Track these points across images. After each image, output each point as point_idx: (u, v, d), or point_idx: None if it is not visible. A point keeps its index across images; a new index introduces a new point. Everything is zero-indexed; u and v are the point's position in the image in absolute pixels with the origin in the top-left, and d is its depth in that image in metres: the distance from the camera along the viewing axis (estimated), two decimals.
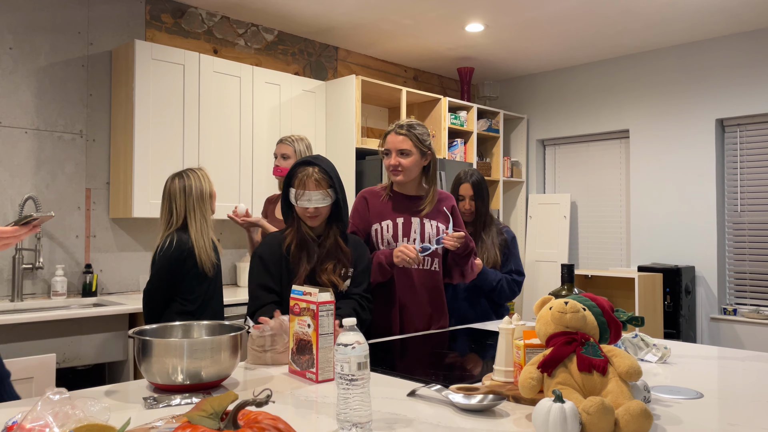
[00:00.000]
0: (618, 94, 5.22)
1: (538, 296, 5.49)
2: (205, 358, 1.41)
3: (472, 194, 2.90)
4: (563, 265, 1.66)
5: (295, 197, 2.06)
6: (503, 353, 1.47)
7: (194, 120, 3.68)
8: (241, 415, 0.91)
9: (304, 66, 4.68)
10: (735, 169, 4.70)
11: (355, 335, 1.15)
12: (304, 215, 2.07)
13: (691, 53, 4.82)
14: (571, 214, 5.50)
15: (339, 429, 1.13)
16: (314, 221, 2.08)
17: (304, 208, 2.05)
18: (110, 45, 3.67)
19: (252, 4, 4.02)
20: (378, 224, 2.33)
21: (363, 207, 2.37)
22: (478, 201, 2.90)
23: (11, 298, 3.23)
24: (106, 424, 0.93)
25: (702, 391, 1.43)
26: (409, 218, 2.33)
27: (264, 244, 2.12)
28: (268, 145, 4.05)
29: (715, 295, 4.66)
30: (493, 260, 2.89)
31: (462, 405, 1.28)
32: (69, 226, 3.49)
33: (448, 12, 4.15)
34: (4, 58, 3.29)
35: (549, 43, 4.85)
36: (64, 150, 3.49)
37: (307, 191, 2.03)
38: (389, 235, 2.32)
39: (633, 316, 1.59)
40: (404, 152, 2.28)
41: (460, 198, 2.93)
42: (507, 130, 5.84)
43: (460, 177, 2.95)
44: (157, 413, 1.27)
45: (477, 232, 2.92)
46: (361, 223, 2.35)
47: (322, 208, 2.07)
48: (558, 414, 1.06)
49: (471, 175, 2.92)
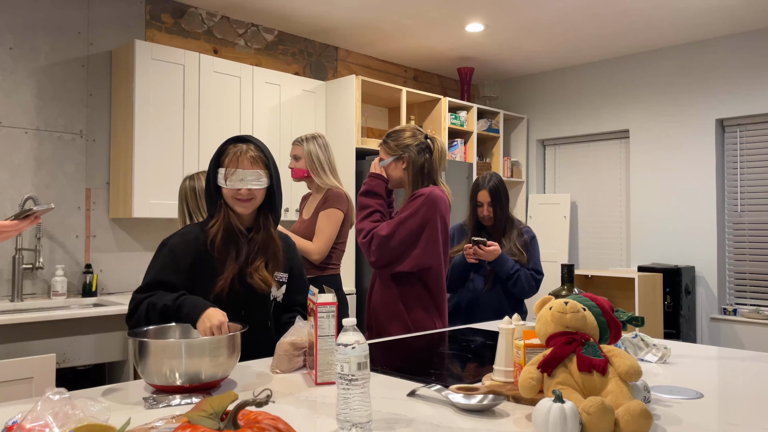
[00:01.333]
0: (618, 94, 5.22)
1: (538, 296, 5.48)
2: (203, 359, 1.40)
3: (490, 200, 2.91)
4: (563, 265, 1.66)
5: (224, 177, 1.77)
6: (503, 353, 1.47)
7: (194, 120, 3.68)
8: (241, 415, 0.91)
9: (304, 66, 4.68)
10: (735, 169, 4.70)
11: (355, 335, 1.15)
12: (235, 199, 1.78)
13: (691, 53, 4.82)
14: (571, 214, 5.50)
15: (339, 429, 1.13)
16: (246, 207, 1.79)
17: (236, 189, 1.76)
18: (110, 45, 3.67)
19: (252, 4, 4.02)
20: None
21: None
22: (497, 207, 2.91)
23: (11, 298, 3.23)
24: (106, 424, 0.93)
25: (702, 391, 1.43)
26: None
27: (178, 235, 1.80)
28: (268, 145, 4.04)
29: (715, 295, 4.66)
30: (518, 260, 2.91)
31: (462, 405, 1.28)
32: (69, 226, 3.49)
33: (448, 12, 4.15)
34: (4, 58, 3.29)
35: (549, 43, 4.85)
36: (64, 150, 3.49)
37: (239, 170, 1.75)
38: None
39: (633, 316, 1.59)
40: (382, 161, 2.43)
41: (479, 204, 2.93)
42: (507, 130, 5.84)
43: (478, 183, 2.96)
44: (157, 413, 1.27)
45: (497, 238, 2.93)
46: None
47: (257, 191, 1.79)
48: (558, 414, 1.06)
49: (489, 181, 2.92)
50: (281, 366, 1.63)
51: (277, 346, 1.64)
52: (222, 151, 1.80)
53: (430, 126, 5.00)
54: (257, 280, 1.79)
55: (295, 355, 1.63)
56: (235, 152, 1.77)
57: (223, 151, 1.80)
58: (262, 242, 1.82)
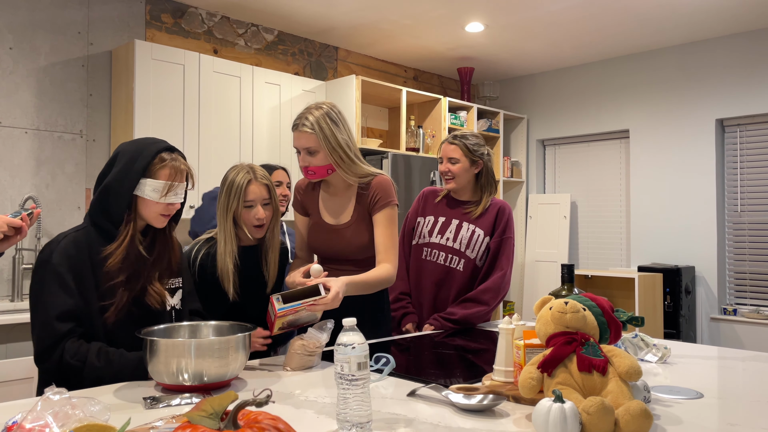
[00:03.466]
0: (618, 94, 5.22)
1: (538, 296, 5.49)
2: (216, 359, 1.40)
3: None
4: (563, 265, 1.66)
5: (161, 190, 1.60)
6: (503, 353, 1.47)
7: (194, 120, 3.68)
8: (241, 415, 0.91)
9: (304, 66, 4.68)
10: (735, 169, 4.70)
11: (355, 335, 1.15)
12: (161, 215, 1.63)
13: (691, 53, 4.82)
14: (571, 214, 5.50)
15: (339, 429, 1.13)
16: (166, 220, 1.66)
17: (168, 204, 1.63)
18: (110, 45, 3.67)
19: (252, 4, 4.02)
20: (422, 218, 2.53)
21: (419, 202, 2.59)
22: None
23: (11, 298, 3.23)
24: (106, 424, 0.93)
25: (702, 391, 1.43)
26: (450, 219, 2.47)
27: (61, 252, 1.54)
28: (268, 145, 4.05)
29: (715, 295, 4.66)
30: None
31: (462, 405, 1.28)
32: (69, 226, 3.48)
33: (448, 12, 4.15)
34: (4, 58, 3.29)
35: (549, 43, 4.85)
36: (64, 150, 3.49)
37: (177, 183, 1.63)
38: (426, 230, 2.50)
39: (633, 316, 1.59)
40: (452, 160, 2.44)
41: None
42: (507, 130, 5.84)
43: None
44: (157, 413, 1.27)
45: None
46: (414, 216, 2.57)
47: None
48: (558, 414, 1.06)
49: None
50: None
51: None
52: (151, 160, 1.60)
53: (430, 126, 5.00)
54: (152, 296, 1.63)
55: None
56: (174, 166, 1.62)
57: (152, 160, 1.60)
58: (158, 254, 1.67)
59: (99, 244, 1.59)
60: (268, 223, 2.00)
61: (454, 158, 2.42)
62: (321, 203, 2.11)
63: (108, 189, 1.59)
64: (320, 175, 2.00)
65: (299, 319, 1.74)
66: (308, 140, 1.95)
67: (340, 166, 1.99)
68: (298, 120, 1.97)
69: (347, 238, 2.04)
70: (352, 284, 1.80)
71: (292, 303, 1.67)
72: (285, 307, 1.66)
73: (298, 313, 1.69)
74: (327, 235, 2.07)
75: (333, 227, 2.07)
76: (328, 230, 2.07)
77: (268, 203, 2.00)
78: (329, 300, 1.68)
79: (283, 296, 1.68)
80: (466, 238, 2.42)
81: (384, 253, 1.99)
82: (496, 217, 2.44)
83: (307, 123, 1.94)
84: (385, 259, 1.99)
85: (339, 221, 2.07)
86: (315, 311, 1.70)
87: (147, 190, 1.58)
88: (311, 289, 1.69)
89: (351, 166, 2.00)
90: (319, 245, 2.08)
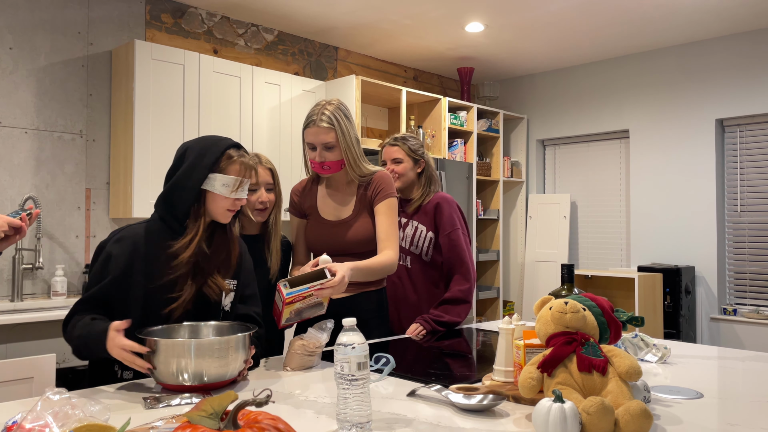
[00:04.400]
0: (618, 94, 5.22)
1: (538, 296, 5.49)
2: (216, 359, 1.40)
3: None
4: (563, 265, 1.66)
5: (231, 186, 1.61)
6: (503, 353, 1.47)
7: (194, 120, 3.68)
8: (241, 415, 0.91)
9: (304, 66, 4.68)
10: (735, 169, 4.70)
11: (355, 335, 1.15)
12: (227, 210, 1.64)
13: (691, 53, 4.82)
14: (571, 214, 5.50)
15: (339, 429, 1.13)
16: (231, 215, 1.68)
17: (235, 199, 1.64)
18: (110, 45, 3.67)
19: (252, 4, 4.02)
20: None
21: None
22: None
23: (11, 298, 3.23)
24: (106, 424, 0.93)
25: (702, 391, 1.43)
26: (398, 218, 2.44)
27: (118, 240, 1.60)
28: (269, 145, 4.05)
29: (715, 295, 4.66)
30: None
31: (462, 405, 1.28)
32: (69, 226, 3.49)
33: (448, 12, 4.15)
34: (4, 58, 3.29)
35: (549, 43, 4.85)
36: (64, 150, 3.49)
37: (246, 179, 1.65)
38: None
39: (633, 316, 1.59)
40: (396, 161, 2.46)
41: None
42: (507, 130, 5.84)
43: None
44: (157, 413, 1.27)
45: None
46: None
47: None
48: (558, 414, 1.06)
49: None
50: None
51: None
52: (220, 156, 1.61)
53: (430, 126, 5.00)
54: (211, 288, 1.64)
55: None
56: (244, 162, 1.63)
57: (221, 156, 1.61)
58: (216, 248, 1.67)
59: (165, 237, 1.61)
60: (271, 207, 2.09)
61: (398, 158, 2.45)
62: (320, 201, 2.14)
63: (176, 184, 1.60)
64: (334, 170, 2.04)
65: (306, 310, 1.74)
66: (327, 135, 1.97)
67: (352, 161, 2.03)
68: (315, 116, 1.98)
69: (349, 233, 2.06)
70: (357, 269, 1.81)
71: (299, 287, 1.66)
72: (293, 291, 1.65)
73: (306, 300, 1.68)
74: (328, 230, 2.09)
75: (334, 223, 2.09)
76: (329, 226, 2.09)
77: (272, 188, 2.10)
78: (336, 282, 1.66)
79: (290, 281, 1.68)
80: (410, 235, 2.44)
81: (386, 241, 2.02)
82: (435, 212, 2.43)
83: (325, 118, 1.97)
84: (387, 246, 2.02)
85: (339, 216, 2.10)
86: (322, 295, 1.68)
87: (217, 185, 1.60)
88: (317, 273, 1.69)
89: (359, 162, 2.06)
90: (320, 242, 2.09)
